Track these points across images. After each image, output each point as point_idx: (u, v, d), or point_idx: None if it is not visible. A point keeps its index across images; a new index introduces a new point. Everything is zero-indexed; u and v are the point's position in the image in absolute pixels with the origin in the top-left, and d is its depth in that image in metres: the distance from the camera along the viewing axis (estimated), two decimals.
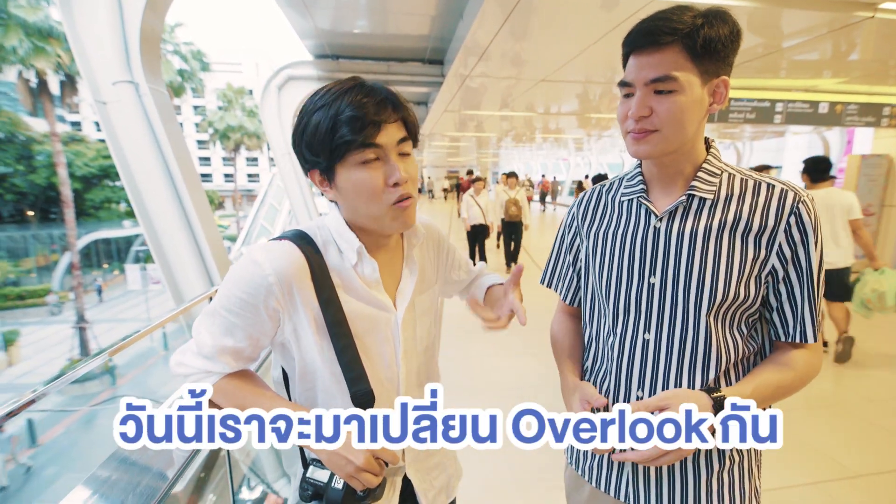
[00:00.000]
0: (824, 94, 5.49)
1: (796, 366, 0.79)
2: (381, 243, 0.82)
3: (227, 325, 0.72)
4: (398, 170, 0.71)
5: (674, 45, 0.72)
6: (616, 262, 0.87)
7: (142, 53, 2.85)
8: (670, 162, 0.81)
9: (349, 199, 0.73)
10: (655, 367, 0.83)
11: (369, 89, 0.71)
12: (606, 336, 0.90)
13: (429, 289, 0.90)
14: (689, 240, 0.80)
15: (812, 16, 3.23)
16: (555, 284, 1.05)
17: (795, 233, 0.76)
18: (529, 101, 6.73)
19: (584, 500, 0.98)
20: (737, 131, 12.82)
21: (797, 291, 0.78)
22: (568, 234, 1.01)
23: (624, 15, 3.19)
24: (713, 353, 0.80)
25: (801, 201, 0.77)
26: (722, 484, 0.83)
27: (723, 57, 0.75)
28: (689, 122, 0.75)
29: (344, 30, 5.56)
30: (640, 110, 0.75)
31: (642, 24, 0.75)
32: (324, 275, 0.75)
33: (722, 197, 0.80)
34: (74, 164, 27.47)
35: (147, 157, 2.95)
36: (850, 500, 2.17)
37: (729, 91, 0.78)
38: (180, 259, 3.05)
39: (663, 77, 0.73)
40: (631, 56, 0.77)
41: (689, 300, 0.80)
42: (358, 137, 0.68)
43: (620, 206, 0.91)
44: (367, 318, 0.79)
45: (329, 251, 0.78)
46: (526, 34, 3.70)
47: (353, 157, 0.70)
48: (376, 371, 0.81)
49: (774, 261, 0.78)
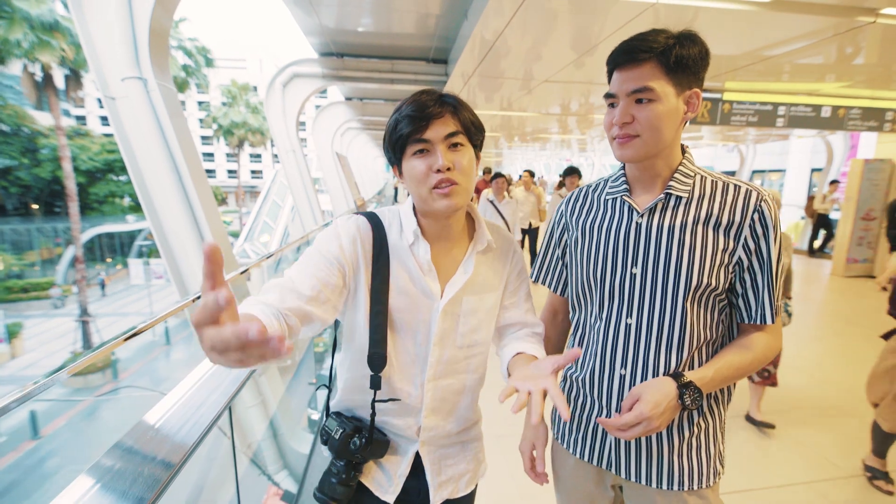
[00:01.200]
0: (827, 97, 5.50)
1: (756, 347, 0.89)
2: (443, 235, 0.93)
3: (301, 270, 0.83)
4: (440, 158, 0.83)
5: (650, 61, 0.83)
6: (601, 254, 0.97)
7: (150, 49, 2.89)
8: (650, 165, 0.91)
9: (408, 184, 0.88)
10: (636, 348, 0.93)
11: (428, 95, 0.85)
12: (593, 321, 1.00)
13: (483, 293, 0.96)
14: (667, 233, 0.90)
15: (815, 20, 3.25)
16: (545, 279, 1.13)
17: (758, 227, 0.87)
18: (533, 101, 6.75)
19: (570, 470, 1.08)
20: (741, 134, 12.79)
21: (759, 279, 0.88)
22: (557, 229, 1.09)
23: (629, 16, 3.22)
24: (687, 335, 0.90)
25: (763, 200, 0.87)
26: (691, 448, 0.95)
27: (694, 72, 0.85)
28: (666, 127, 0.85)
29: (349, 28, 5.58)
30: (622, 117, 0.86)
31: (623, 44, 0.86)
32: (382, 247, 0.89)
33: (696, 196, 0.90)
34: (79, 158, 27.59)
35: (155, 152, 2.99)
36: (843, 499, 2.20)
37: (701, 101, 0.88)
38: (186, 253, 3.10)
39: (642, 88, 0.83)
40: (614, 72, 0.88)
41: (668, 287, 0.90)
42: (408, 133, 0.83)
43: (605, 204, 1.00)
44: (412, 295, 0.90)
45: (392, 230, 0.91)
46: (531, 34, 3.73)
47: (409, 149, 0.85)
48: (405, 344, 0.91)
49: (741, 252, 0.88)
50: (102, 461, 0.69)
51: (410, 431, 0.96)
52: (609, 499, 1.06)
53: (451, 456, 1.01)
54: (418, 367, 0.92)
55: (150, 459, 0.71)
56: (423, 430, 0.95)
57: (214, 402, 1.08)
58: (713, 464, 0.96)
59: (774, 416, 2.83)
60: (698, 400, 0.82)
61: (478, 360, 0.98)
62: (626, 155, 0.89)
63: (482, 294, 0.95)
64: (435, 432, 0.97)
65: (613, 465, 0.99)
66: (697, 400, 0.82)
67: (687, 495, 0.95)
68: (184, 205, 3.10)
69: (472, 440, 1.05)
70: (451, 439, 1.00)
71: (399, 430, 0.96)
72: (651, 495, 0.97)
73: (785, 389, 3.14)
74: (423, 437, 0.96)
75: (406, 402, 0.93)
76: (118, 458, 0.70)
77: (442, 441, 0.99)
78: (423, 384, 0.92)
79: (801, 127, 5.47)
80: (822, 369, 3.70)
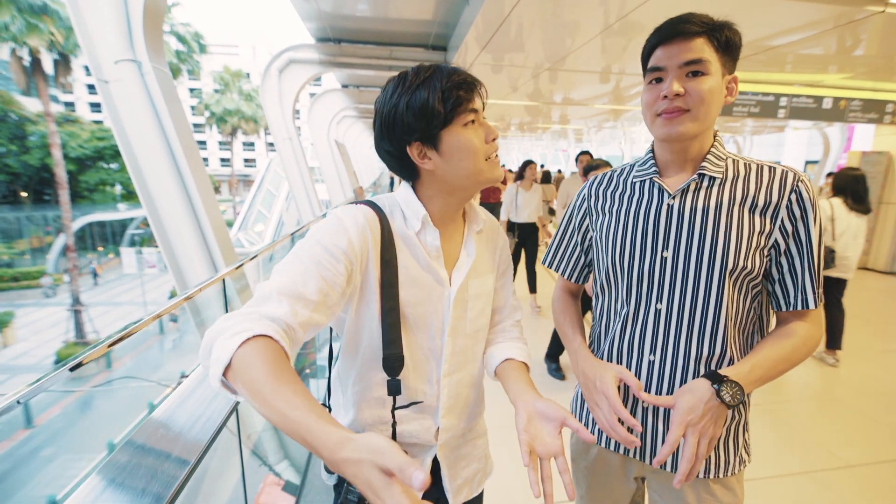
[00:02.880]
0: (828, 89, 5.47)
1: (795, 335, 0.85)
2: (448, 220, 0.88)
3: (305, 271, 0.71)
4: (491, 128, 0.82)
5: (702, 36, 0.82)
6: (629, 237, 0.93)
7: (145, 32, 2.80)
8: (685, 147, 0.88)
9: (454, 160, 0.80)
10: (666, 334, 0.90)
11: (455, 69, 0.80)
12: (619, 307, 0.97)
13: (484, 275, 0.93)
14: (701, 214, 0.87)
15: (822, 9, 3.21)
16: (558, 265, 1.10)
17: (796, 209, 0.83)
18: (534, 89, 6.67)
19: (591, 461, 1.05)
20: (737, 125, 12.79)
21: (797, 263, 0.84)
22: (577, 214, 1.06)
23: (633, 4, 3.16)
24: (722, 321, 0.87)
25: (801, 181, 0.84)
26: (722, 438, 0.92)
27: (734, 57, 0.85)
28: (714, 104, 0.83)
29: (346, 13, 5.47)
30: (675, 87, 0.82)
31: (670, 21, 0.84)
32: (390, 238, 0.82)
33: (729, 177, 0.88)
34: (69, 145, 27.10)
35: (150, 137, 2.91)
36: (844, 488, 2.22)
37: (737, 88, 0.87)
38: (183, 242, 3.03)
39: (697, 59, 0.81)
40: (658, 48, 0.85)
41: (702, 271, 0.86)
42: (463, 102, 0.78)
43: (633, 186, 0.97)
44: (423, 285, 0.84)
45: (395, 218, 0.85)
46: (534, 22, 3.66)
47: (459, 119, 0.79)
48: (419, 340, 0.86)
49: (777, 234, 0.85)
50: (117, 457, 0.66)
51: (428, 435, 0.89)
52: (630, 491, 1.04)
53: (463, 457, 0.97)
54: (433, 363, 0.88)
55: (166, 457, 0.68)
56: (441, 432, 0.90)
57: (224, 396, 1.04)
58: (740, 452, 0.95)
59: (776, 406, 2.85)
60: (739, 395, 0.79)
61: (480, 348, 0.95)
62: (674, 132, 0.84)
63: (484, 276, 0.93)
64: (452, 433, 0.92)
65: (638, 452, 0.97)
66: (738, 395, 0.79)
67: (713, 483, 0.93)
68: (181, 192, 3.03)
69: (480, 436, 1.02)
70: (464, 438, 0.96)
71: (416, 436, 0.89)
72: None
73: (785, 380, 3.16)
74: (442, 440, 0.91)
75: (424, 403, 0.88)
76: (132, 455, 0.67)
77: (457, 441, 0.95)
78: (439, 380, 0.88)
79: (803, 118, 5.45)
80: (818, 365, 3.72)
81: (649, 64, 0.87)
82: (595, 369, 0.92)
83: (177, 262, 3.09)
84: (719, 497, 0.93)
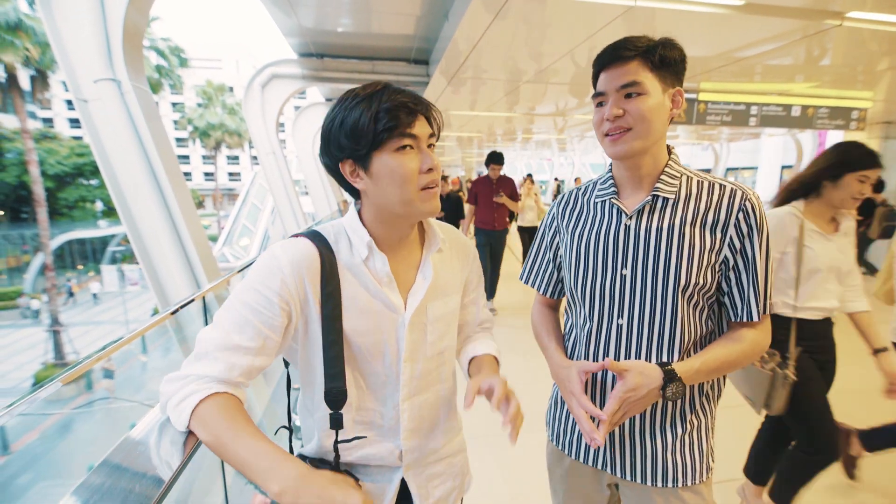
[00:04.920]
0: (797, 97, 5.70)
1: (744, 340, 0.91)
2: (397, 244, 0.86)
3: (239, 319, 0.73)
4: (429, 158, 0.78)
5: (636, 59, 0.87)
6: (591, 255, 0.98)
7: (124, 50, 2.80)
8: (638, 164, 0.93)
9: (383, 184, 0.78)
10: (628, 348, 0.95)
11: (401, 89, 0.78)
12: (583, 323, 1.01)
13: (445, 296, 0.91)
14: (655, 234, 0.92)
15: (785, 23, 3.36)
16: (533, 281, 1.14)
17: (743, 226, 0.89)
18: (514, 101, 6.80)
19: (565, 471, 1.09)
20: (714, 133, 13.15)
21: (744, 277, 0.90)
22: (549, 232, 1.10)
23: (607, 19, 3.27)
24: (678, 334, 0.92)
25: (748, 199, 0.89)
26: (685, 445, 0.97)
27: (675, 72, 0.90)
28: (655, 120, 0.88)
29: (328, 28, 5.53)
30: (614, 111, 0.88)
31: (608, 47, 0.90)
32: (332, 270, 0.79)
33: (682, 196, 0.93)
34: (47, 161, 26.57)
35: (130, 156, 2.90)
36: (822, 483, 2.27)
37: (684, 99, 0.92)
38: (165, 260, 3.01)
39: (631, 82, 0.87)
40: (602, 72, 0.91)
41: (657, 288, 0.91)
42: (398, 126, 0.75)
43: (594, 207, 1.02)
44: (373, 314, 0.82)
45: (340, 247, 0.82)
46: (511, 37, 3.76)
47: (391, 143, 0.76)
48: (373, 368, 0.84)
49: (726, 250, 0.90)
50: (90, 479, 0.66)
51: (392, 458, 0.88)
52: (604, 497, 1.07)
53: (437, 476, 0.94)
54: (390, 388, 0.86)
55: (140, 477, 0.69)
56: (405, 454, 0.88)
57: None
58: (706, 459, 0.99)
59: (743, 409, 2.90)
60: (679, 393, 0.84)
61: (448, 368, 0.94)
62: (619, 150, 0.90)
63: (445, 298, 0.90)
64: (419, 453, 0.90)
65: (609, 464, 1.01)
66: (678, 393, 0.84)
67: (682, 491, 0.97)
68: (161, 209, 3.01)
69: (455, 453, 0.99)
70: (436, 455, 0.94)
71: (379, 459, 0.87)
72: (647, 493, 0.98)
73: None
74: (407, 461, 0.89)
75: (381, 425, 0.86)
76: (106, 476, 0.68)
77: (428, 460, 0.93)
78: (398, 405, 0.86)
79: (773, 126, 5.66)
80: None
81: (595, 88, 0.93)
82: (564, 370, 0.98)
83: (158, 279, 3.07)
84: (689, 503, 0.97)
